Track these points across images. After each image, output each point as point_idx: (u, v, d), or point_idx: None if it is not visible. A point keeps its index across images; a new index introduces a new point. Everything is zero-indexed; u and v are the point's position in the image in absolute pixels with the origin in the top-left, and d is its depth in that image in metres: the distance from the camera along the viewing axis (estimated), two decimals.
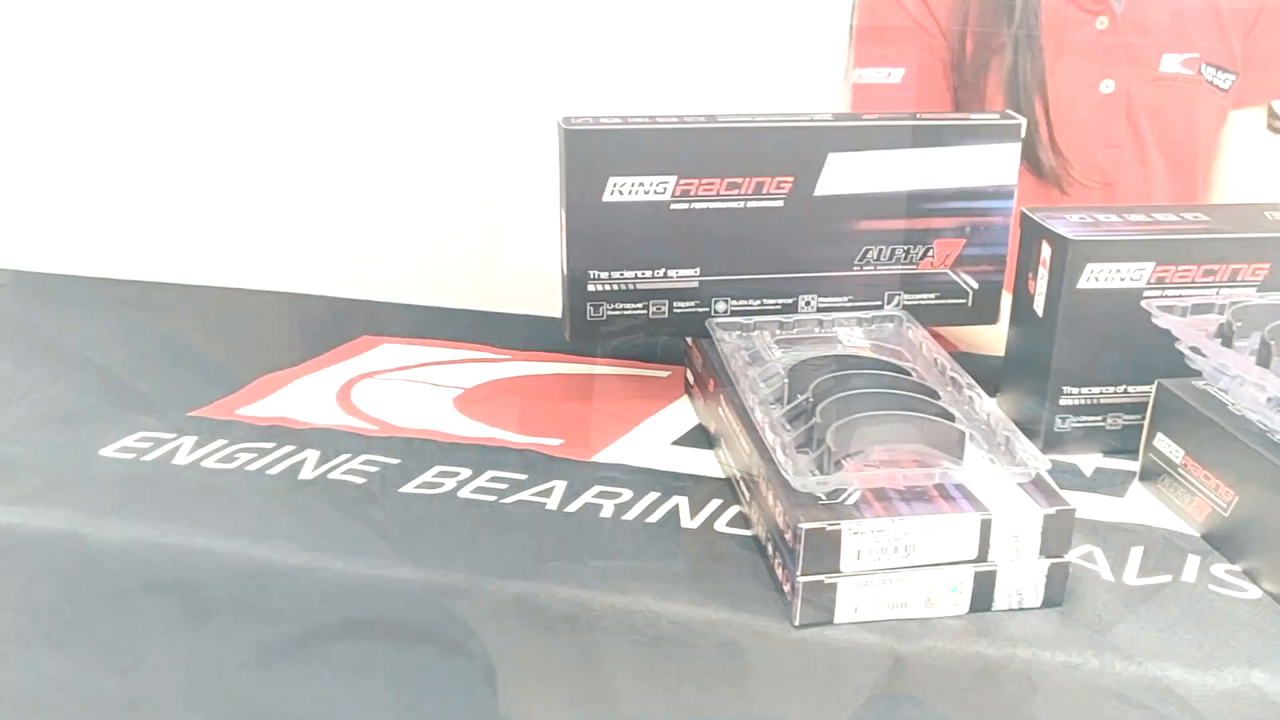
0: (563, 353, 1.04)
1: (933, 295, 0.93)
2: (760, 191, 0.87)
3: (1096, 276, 0.84)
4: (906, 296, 0.92)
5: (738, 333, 0.89)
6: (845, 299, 0.92)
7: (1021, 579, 0.69)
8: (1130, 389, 0.87)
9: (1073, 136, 1.32)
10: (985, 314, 0.94)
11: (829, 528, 0.67)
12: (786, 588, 0.69)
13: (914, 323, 0.88)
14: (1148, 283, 0.84)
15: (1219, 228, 0.86)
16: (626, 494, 0.82)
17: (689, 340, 0.93)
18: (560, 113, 0.88)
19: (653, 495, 0.82)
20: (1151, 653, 0.67)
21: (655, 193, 0.86)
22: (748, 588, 0.72)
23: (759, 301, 0.91)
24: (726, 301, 0.90)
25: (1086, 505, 0.82)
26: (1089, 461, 0.88)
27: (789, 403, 0.78)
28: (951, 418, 0.73)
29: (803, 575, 0.67)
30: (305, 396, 0.96)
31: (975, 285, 0.93)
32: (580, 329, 0.90)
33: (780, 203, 0.88)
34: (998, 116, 0.90)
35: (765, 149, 0.87)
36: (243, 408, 0.94)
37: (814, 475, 0.69)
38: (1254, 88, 1.40)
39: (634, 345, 0.99)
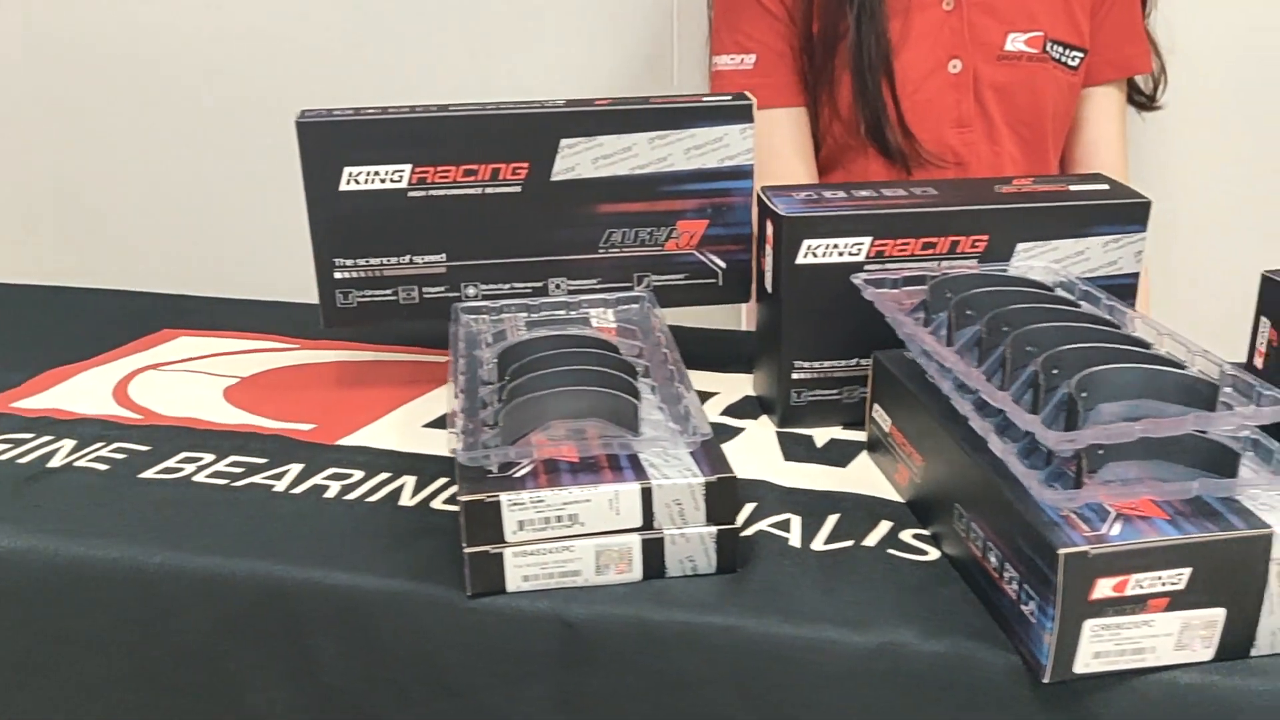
0: (352, 341, 1.06)
1: (682, 275, 0.95)
2: (497, 178, 0.89)
3: (814, 252, 0.85)
4: (657, 277, 0.94)
5: (488, 316, 0.91)
6: (595, 281, 0.94)
7: (690, 546, 0.72)
8: (862, 362, 0.89)
9: (923, 116, 1.33)
10: (736, 293, 0.96)
11: (487, 499, 0.69)
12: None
13: (654, 303, 0.90)
14: (867, 257, 0.86)
15: (942, 201, 0.88)
16: (358, 475, 0.84)
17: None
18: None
19: (383, 476, 0.84)
20: (812, 615, 0.69)
21: (391, 181, 0.89)
22: (440, 561, 0.74)
23: (509, 285, 0.93)
24: (476, 286, 0.93)
25: (805, 476, 0.84)
26: (826, 434, 0.90)
27: (499, 382, 0.80)
28: (635, 392, 0.75)
29: (468, 546, 0.70)
30: (84, 389, 0.99)
31: (723, 265, 0.95)
32: (332, 316, 0.93)
33: (518, 188, 0.90)
34: (730, 98, 0.92)
35: (498, 136, 0.89)
36: (19, 400, 0.96)
37: (485, 449, 0.71)
38: (1106, 64, 1.41)
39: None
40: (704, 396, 0.96)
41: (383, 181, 0.88)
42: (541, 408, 0.74)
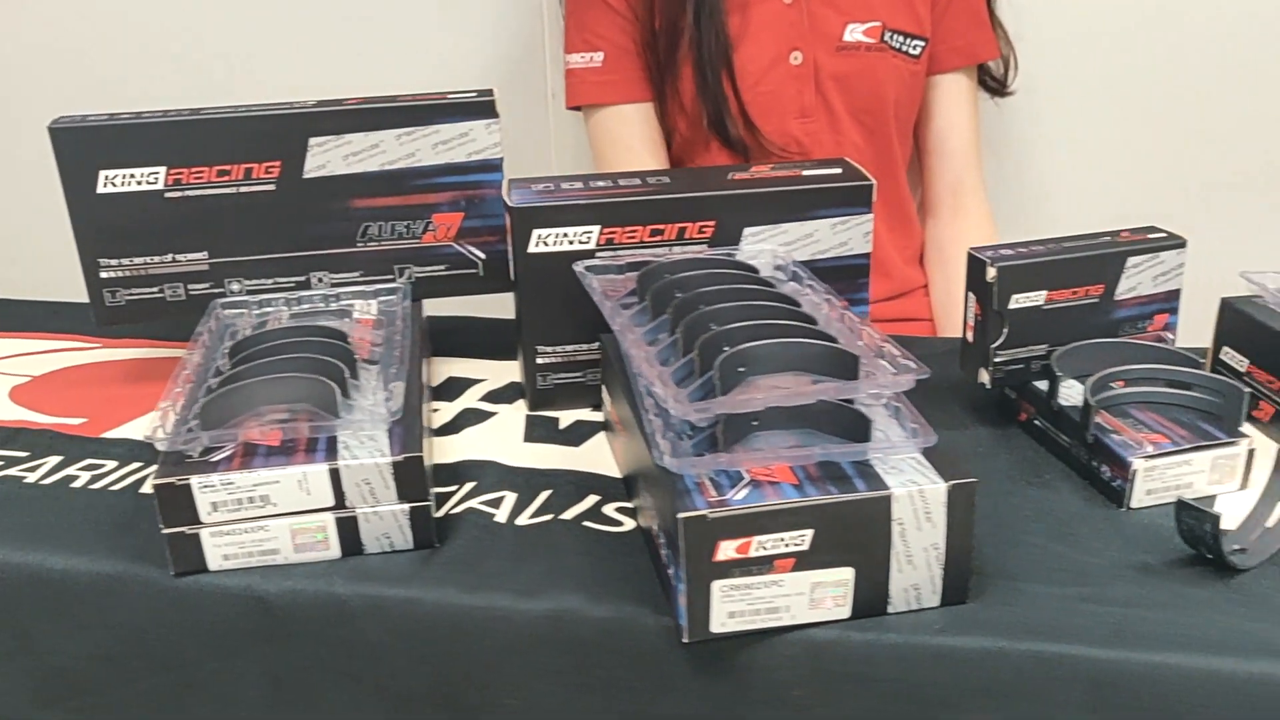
0: (156, 339, 1.09)
1: (444, 267, 0.98)
2: (250, 177, 0.93)
3: (545, 241, 0.89)
4: (419, 269, 0.98)
5: (249, 311, 0.94)
6: (357, 274, 0.97)
7: (385, 523, 0.75)
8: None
9: (766, 108, 1.37)
10: (497, 283, 0.99)
11: (178, 482, 0.72)
12: None
13: (409, 294, 0.94)
14: (597, 244, 0.89)
15: (670, 189, 0.91)
16: (110, 465, 0.88)
17: None
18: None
19: (134, 466, 0.88)
20: (494, 586, 0.72)
21: (147, 183, 0.92)
22: (157, 544, 0.76)
23: (272, 280, 0.96)
24: (240, 281, 0.96)
25: (537, 455, 0.88)
26: (574, 415, 0.93)
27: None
28: (341, 378, 0.79)
29: (165, 528, 0.73)
30: None
31: (483, 255, 0.98)
32: (103, 315, 0.96)
33: (272, 186, 0.93)
34: (474, 94, 0.95)
35: (249, 137, 0.92)
36: None
37: (189, 435, 0.74)
38: (952, 51, 1.44)
39: None
40: (471, 383, 1.00)
41: (139, 184, 0.92)
42: (245, 395, 0.77)
